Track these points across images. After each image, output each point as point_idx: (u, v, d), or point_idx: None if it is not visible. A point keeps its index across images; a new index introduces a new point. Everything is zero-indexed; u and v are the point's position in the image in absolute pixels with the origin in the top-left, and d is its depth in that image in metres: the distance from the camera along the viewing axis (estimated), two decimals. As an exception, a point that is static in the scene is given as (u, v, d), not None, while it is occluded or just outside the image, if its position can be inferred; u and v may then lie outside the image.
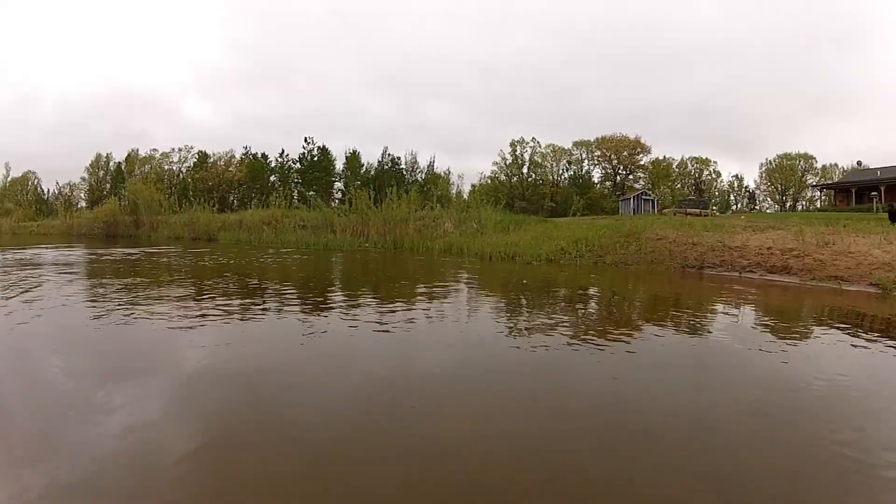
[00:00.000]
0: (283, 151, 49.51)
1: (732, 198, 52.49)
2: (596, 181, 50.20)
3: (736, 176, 53.53)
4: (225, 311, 4.83)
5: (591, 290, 6.32)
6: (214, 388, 2.71)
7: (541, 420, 2.31)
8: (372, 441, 2.08)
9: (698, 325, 4.41)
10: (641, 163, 49.36)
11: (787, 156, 50.72)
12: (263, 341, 3.77)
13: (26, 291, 5.97)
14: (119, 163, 53.90)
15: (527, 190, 47.76)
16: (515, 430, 2.20)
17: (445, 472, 1.85)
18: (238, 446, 2.05)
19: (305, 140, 48.08)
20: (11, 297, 5.54)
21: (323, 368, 3.12)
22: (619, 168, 49.69)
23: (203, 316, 4.57)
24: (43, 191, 57.84)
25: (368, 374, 2.96)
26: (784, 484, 1.77)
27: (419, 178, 43.86)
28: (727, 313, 5.07)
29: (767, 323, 4.57)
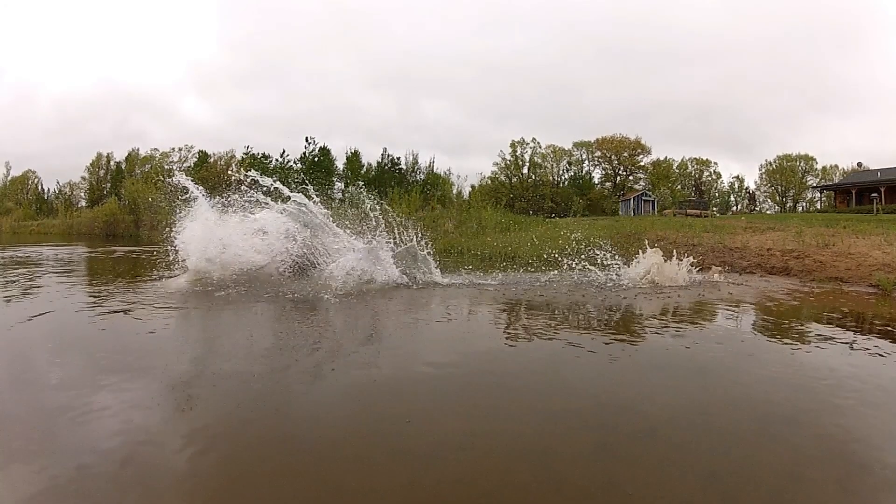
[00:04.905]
0: (283, 151, 49.28)
1: (732, 198, 52.40)
2: (596, 182, 50.09)
3: (737, 177, 53.41)
4: (224, 309, 4.83)
5: (591, 290, 6.31)
6: (213, 386, 2.71)
7: (540, 421, 2.31)
8: (369, 441, 2.08)
9: (698, 326, 4.41)
10: (642, 163, 49.27)
11: (787, 157, 50.59)
12: (263, 340, 3.77)
13: (25, 290, 5.97)
14: (119, 162, 53.73)
15: (527, 190, 47.58)
16: (515, 430, 2.20)
17: (444, 472, 1.84)
18: (236, 446, 2.05)
19: (307, 140, 47.91)
20: (10, 296, 5.54)
21: (321, 368, 3.12)
22: (619, 169, 49.62)
23: (202, 314, 4.57)
24: (43, 190, 57.72)
25: (366, 374, 2.96)
26: (786, 484, 1.77)
27: (419, 179, 43.77)
28: (727, 314, 5.06)
29: (767, 324, 4.57)
